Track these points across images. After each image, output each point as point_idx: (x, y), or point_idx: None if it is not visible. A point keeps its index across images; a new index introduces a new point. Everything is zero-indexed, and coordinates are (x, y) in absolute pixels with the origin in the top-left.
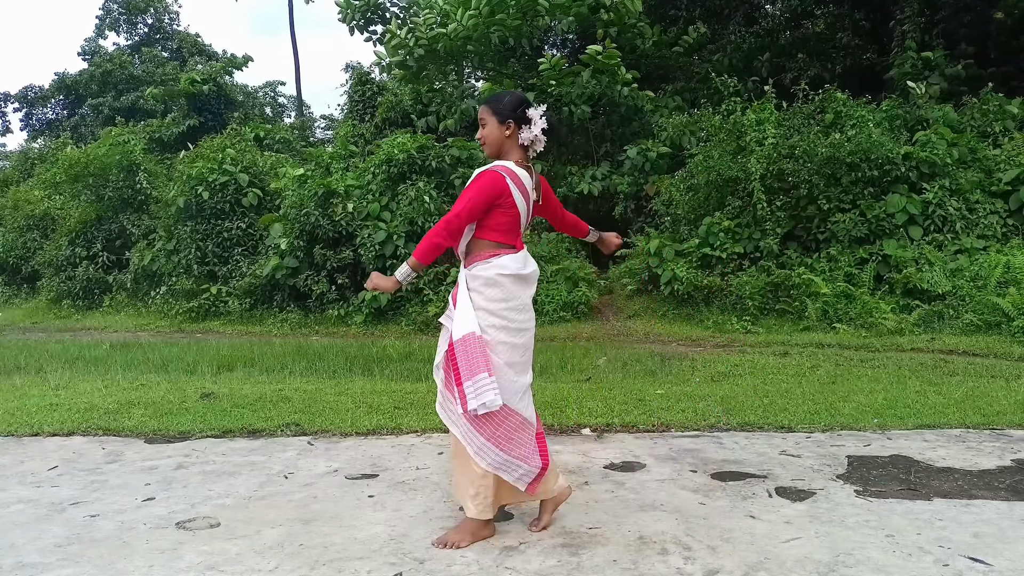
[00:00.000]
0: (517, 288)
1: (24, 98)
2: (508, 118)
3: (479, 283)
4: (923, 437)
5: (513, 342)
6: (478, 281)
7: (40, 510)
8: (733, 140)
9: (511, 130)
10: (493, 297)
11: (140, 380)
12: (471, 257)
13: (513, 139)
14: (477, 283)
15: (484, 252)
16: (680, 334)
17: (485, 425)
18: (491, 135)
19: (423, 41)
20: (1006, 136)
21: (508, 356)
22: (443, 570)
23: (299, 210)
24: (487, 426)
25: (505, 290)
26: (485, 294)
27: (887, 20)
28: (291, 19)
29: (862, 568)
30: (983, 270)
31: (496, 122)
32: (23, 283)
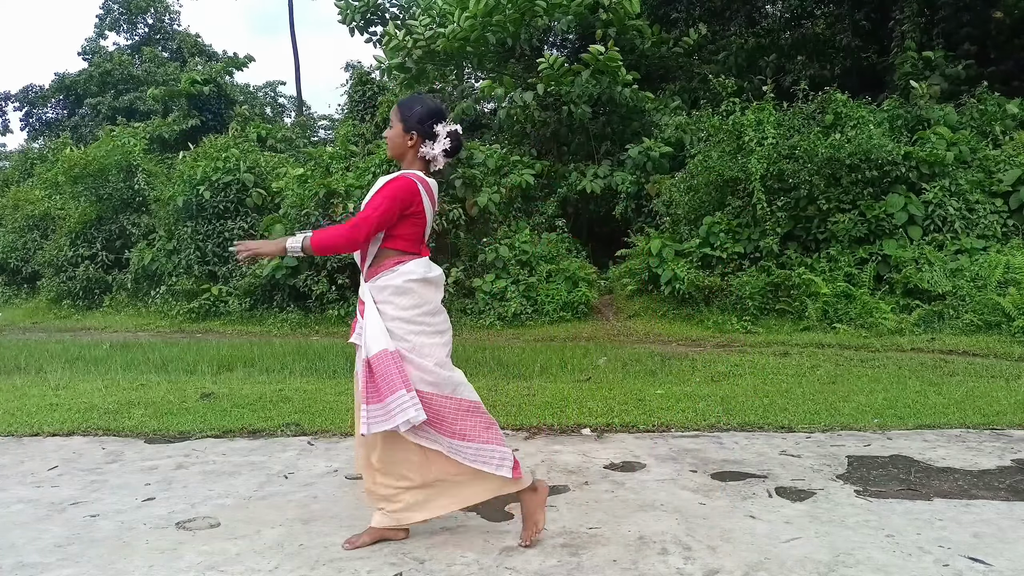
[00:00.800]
0: (428, 292)
1: (24, 98)
2: (413, 129)
3: (387, 293)
4: (923, 437)
5: (436, 342)
6: (386, 292)
7: (40, 510)
8: (733, 140)
9: (414, 140)
10: (405, 305)
11: (140, 380)
12: (375, 268)
13: (415, 149)
14: (385, 294)
15: (389, 261)
16: (680, 334)
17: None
18: (394, 139)
19: (421, 43)
20: (1006, 136)
21: (437, 355)
22: (443, 570)
23: (299, 210)
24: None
25: (416, 296)
26: (396, 303)
27: (887, 20)
28: (291, 19)
29: (862, 568)
30: (983, 270)
31: (401, 128)
32: (23, 283)
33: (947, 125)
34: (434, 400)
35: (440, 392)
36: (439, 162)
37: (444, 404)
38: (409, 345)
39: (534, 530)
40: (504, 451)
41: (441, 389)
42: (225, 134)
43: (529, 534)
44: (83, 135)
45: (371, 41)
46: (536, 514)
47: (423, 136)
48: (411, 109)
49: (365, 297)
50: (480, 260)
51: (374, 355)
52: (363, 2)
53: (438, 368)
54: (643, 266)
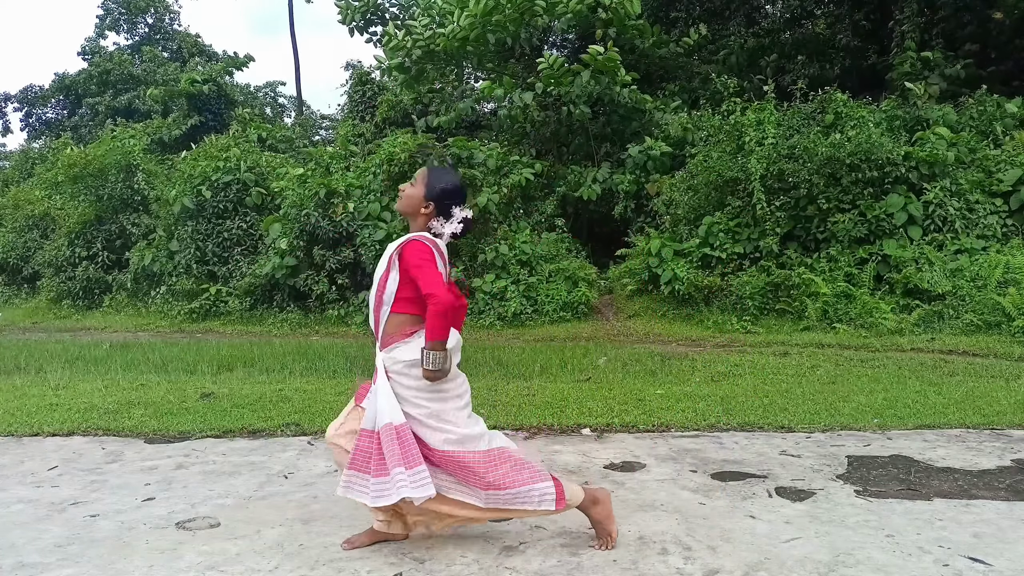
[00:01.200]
0: None
1: (24, 98)
2: (432, 199)
3: (401, 366)
4: (923, 437)
5: (455, 406)
6: (400, 364)
7: (40, 510)
8: (733, 140)
9: (428, 210)
10: (421, 375)
11: (140, 380)
12: (389, 337)
13: (427, 218)
14: (400, 366)
15: (404, 329)
16: (680, 334)
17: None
18: (411, 198)
19: (421, 42)
20: (1006, 136)
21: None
22: (443, 570)
23: (299, 210)
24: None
25: None
26: (412, 374)
27: (887, 20)
28: (291, 19)
29: (862, 568)
30: (983, 270)
31: (422, 194)
32: (23, 283)
33: (947, 125)
34: (462, 457)
35: (465, 448)
36: (442, 240)
37: (472, 459)
38: (428, 411)
39: (608, 540)
40: (544, 486)
41: (466, 446)
42: (225, 134)
43: (603, 544)
44: (83, 135)
45: (371, 41)
46: (606, 525)
47: (439, 211)
48: (438, 181)
49: (379, 366)
50: (480, 260)
51: (382, 428)
52: (363, 2)
53: (459, 428)
54: (643, 266)
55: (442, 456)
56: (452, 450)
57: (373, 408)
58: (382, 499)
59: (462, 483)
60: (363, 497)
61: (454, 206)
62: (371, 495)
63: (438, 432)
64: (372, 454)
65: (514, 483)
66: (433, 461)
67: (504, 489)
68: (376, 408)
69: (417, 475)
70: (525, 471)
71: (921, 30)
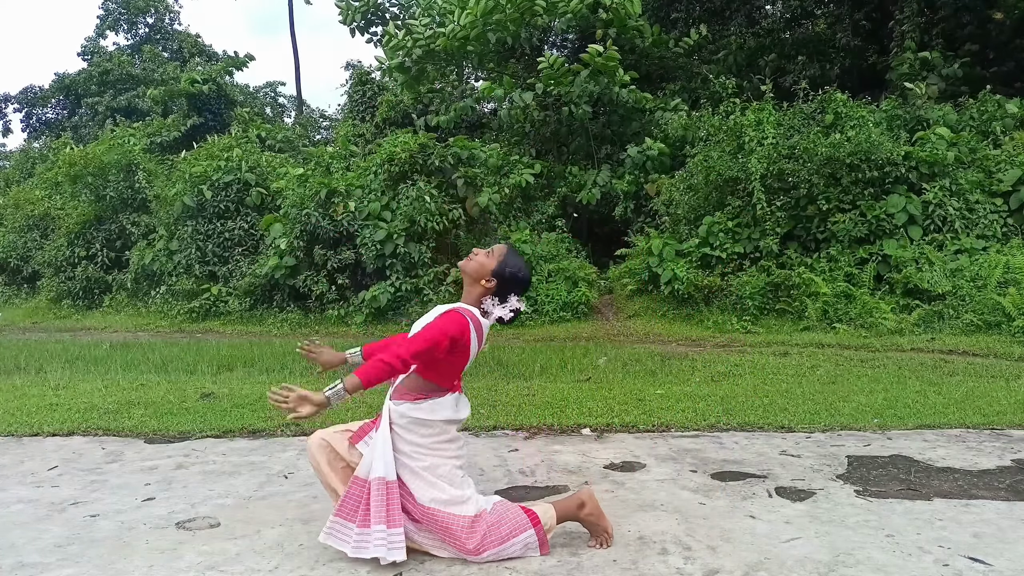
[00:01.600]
0: (450, 428)
1: (24, 99)
2: (498, 278)
3: (406, 421)
4: (923, 437)
5: (451, 464)
6: (405, 419)
7: (40, 510)
8: (733, 140)
9: (490, 285)
10: (424, 434)
11: (140, 380)
12: (403, 392)
13: (484, 291)
14: (404, 421)
15: (418, 392)
16: (680, 334)
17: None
18: (481, 267)
19: (421, 42)
20: (1006, 136)
21: (451, 476)
22: (443, 570)
23: (299, 210)
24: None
25: (438, 429)
26: (416, 431)
27: (887, 20)
28: (291, 19)
29: (862, 568)
30: (983, 270)
31: (492, 269)
32: (23, 283)
33: (947, 125)
34: (445, 519)
35: (451, 511)
36: (489, 319)
37: (455, 523)
38: (424, 464)
39: (605, 537)
40: (525, 536)
41: (452, 508)
42: (226, 134)
43: (600, 542)
44: (83, 135)
45: (371, 41)
46: (599, 523)
47: (498, 290)
48: (512, 266)
49: (384, 416)
50: None
51: (373, 480)
52: (363, 2)
53: (450, 488)
54: (643, 266)
55: (424, 512)
56: (437, 509)
57: (369, 456)
58: (361, 551)
59: (445, 544)
60: (344, 546)
61: (513, 294)
62: (352, 545)
63: (430, 488)
64: (360, 503)
65: (495, 543)
66: (414, 516)
67: (487, 551)
68: (372, 457)
69: (394, 536)
70: (505, 526)
71: (921, 30)
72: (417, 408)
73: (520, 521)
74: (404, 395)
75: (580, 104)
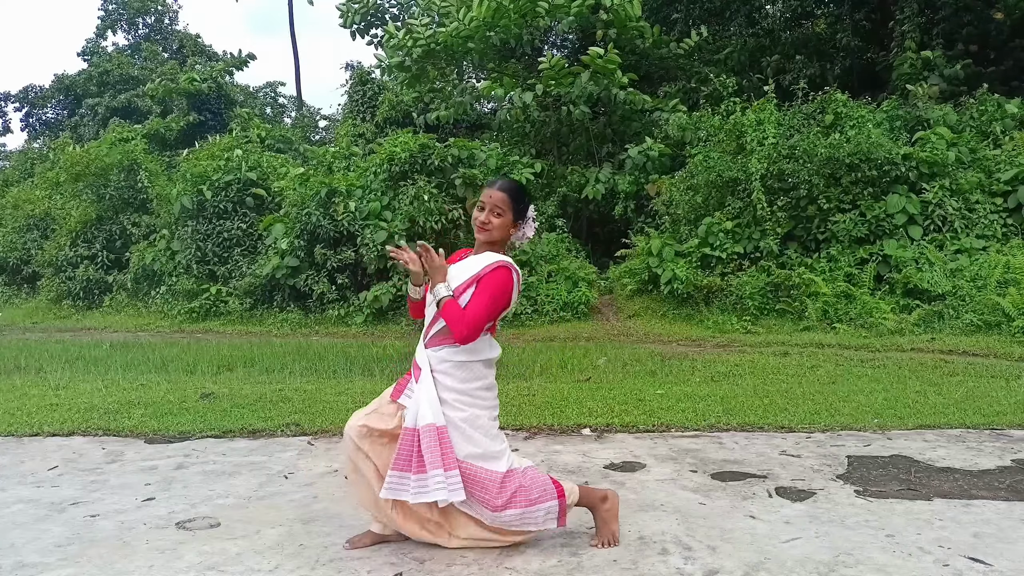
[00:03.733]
0: (488, 371)
1: (24, 98)
2: (520, 217)
3: (448, 366)
4: (923, 437)
5: (488, 416)
6: (447, 364)
7: (40, 510)
8: (733, 140)
9: (516, 228)
10: (464, 378)
11: (140, 380)
12: (440, 338)
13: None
14: (446, 366)
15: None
16: (680, 334)
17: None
18: (503, 228)
19: (421, 42)
20: (1006, 136)
21: (488, 428)
22: (443, 570)
23: (300, 209)
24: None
25: (477, 371)
26: (456, 375)
27: (887, 20)
28: (291, 19)
29: (862, 568)
30: (983, 270)
31: (511, 218)
32: (23, 283)
33: (947, 125)
34: (478, 473)
35: (485, 465)
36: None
37: (488, 477)
38: (464, 415)
39: (611, 539)
40: (549, 505)
41: (486, 463)
42: (226, 134)
43: (604, 542)
44: (83, 135)
45: (371, 43)
46: (611, 524)
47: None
48: (522, 200)
49: (423, 364)
50: None
51: (423, 427)
52: (363, 4)
53: (485, 441)
54: (643, 266)
55: (459, 466)
56: (472, 463)
57: (415, 405)
58: (421, 496)
59: (471, 498)
60: (404, 495)
61: (528, 208)
62: (412, 492)
63: (467, 443)
64: (413, 452)
65: (523, 504)
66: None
67: (512, 510)
68: (418, 405)
69: (452, 478)
70: (535, 489)
71: (921, 30)
72: (457, 351)
73: (548, 489)
74: (443, 340)
75: (579, 105)
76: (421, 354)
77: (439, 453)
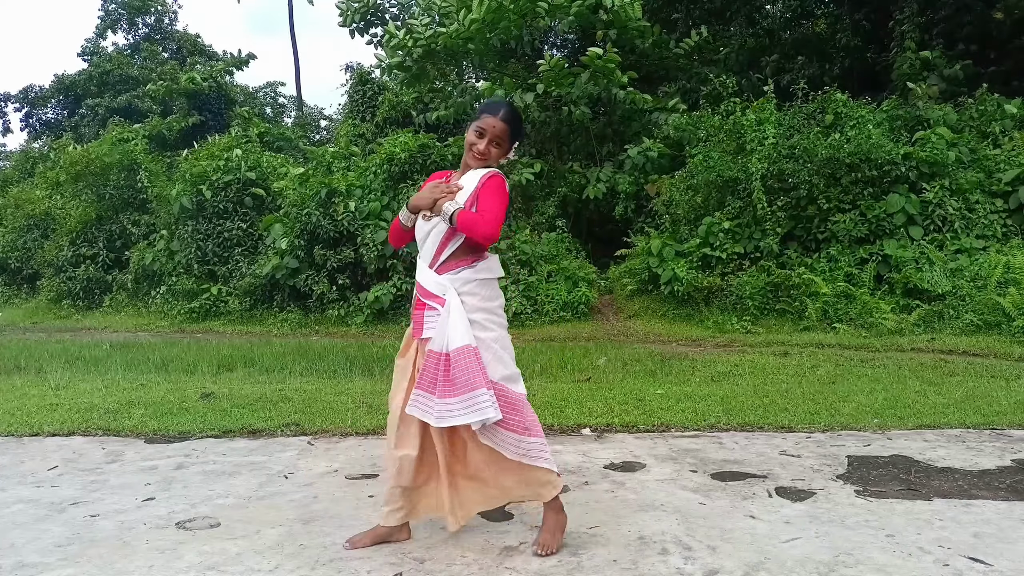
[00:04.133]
0: (498, 289)
1: (24, 98)
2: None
3: (473, 285)
4: (923, 437)
5: (509, 336)
6: (471, 284)
7: (40, 510)
8: (733, 140)
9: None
10: (489, 296)
11: (140, 380)
12: (454, 262)
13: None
14: (470, 286)
15: (469, 257)
16: (680, 334)
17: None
18: (498, 159)
19: (422, 42)
20: (1006, 136)
21: (511, 349)
22: (443, 570)
23: (300, 209)
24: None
25: (495, 289)
26: (481, 294)
27: (887, 20)
28: (291, 19)
29: (862, 568)
30: (983, 270)
31: (507, 149)
32: (23, 283)
33: (947, 125)
34: (510, 394)
35: (514, 387)
36: None
37: (517, 399)
38: (494, 335)
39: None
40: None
41: (515, 385)
42: (226, 134)
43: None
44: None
45: (371, 42)
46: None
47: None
48: (520, 132)
49: (444, 289)
50: None
51: (456, 349)
52: (363, 3)
53: (512, 362)
54: (643, 266)
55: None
56: (504, 385)
57: (443, 331)
58: (445, 420)
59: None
60: (427, 416)
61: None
62: (435, 415)
63: (499, 364)
64: (438, 376)
65: (540, 433)
66: None
67: (536, 436)
68: (447, 328)
69: (494, 398)
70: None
71: (921, 30)
72: (477, 271)
73: None
74: (459, 262)
75: (579, 105)
76: (434, 281)
77: (480, 373)
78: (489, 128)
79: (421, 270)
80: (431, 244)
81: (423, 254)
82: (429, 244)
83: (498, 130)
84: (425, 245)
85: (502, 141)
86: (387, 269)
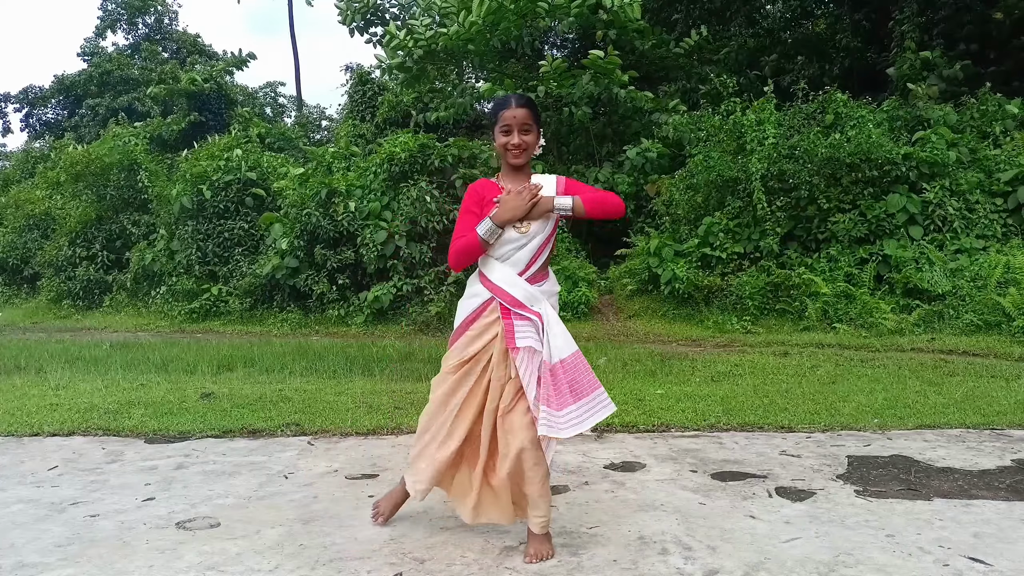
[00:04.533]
0: None
1: (24, 99)
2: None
3: (554, 299)
4: (923, 437)
5: None
6: (552, 297)
7: (40, 510)
8: (733, 140)
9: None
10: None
11: (140, 380)
12: (541, 274)
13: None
14: (553, 299)
15: (549, 268)
16: (680, 334)
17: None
18: (535, 144)
19: (422, 42)
20: (1006, 136)
21: None
22: (443, 570)
23: (300, 209)
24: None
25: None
26: (554, 306)
27: (887, 20)
28: (291, 19)
29: (862, 568)
30: (983, 270)
31: (537, 129)
32: (23, 283)
33: (947, 125)
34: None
35: None
36: None
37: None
38: None
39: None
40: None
41: None
42: (226, 134)
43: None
44: (83, 135)
45: (371, 42)
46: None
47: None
48: (538, 111)
49: (538, 303)
50: None
51: (569, 356)
52: (363, 3)
53: None
54: (643, 266)
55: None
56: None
57: (547, 342)
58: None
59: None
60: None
61: None
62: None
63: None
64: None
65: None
66: None
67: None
68: (551, 339)
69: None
70: None
71: (921, 30)
72: (552, 284)
73: None
74: (542, 276)
75: (580, 106)
76: (528, 291)
77: (592, 374)
78: (512, 120)
79: (507, 279)
80: (526, 253)
81: (512, 262)
82: (524, 253)
83: (520, 117)
84: (518, 254)
85: (530, 126)
86: (387, 269)
